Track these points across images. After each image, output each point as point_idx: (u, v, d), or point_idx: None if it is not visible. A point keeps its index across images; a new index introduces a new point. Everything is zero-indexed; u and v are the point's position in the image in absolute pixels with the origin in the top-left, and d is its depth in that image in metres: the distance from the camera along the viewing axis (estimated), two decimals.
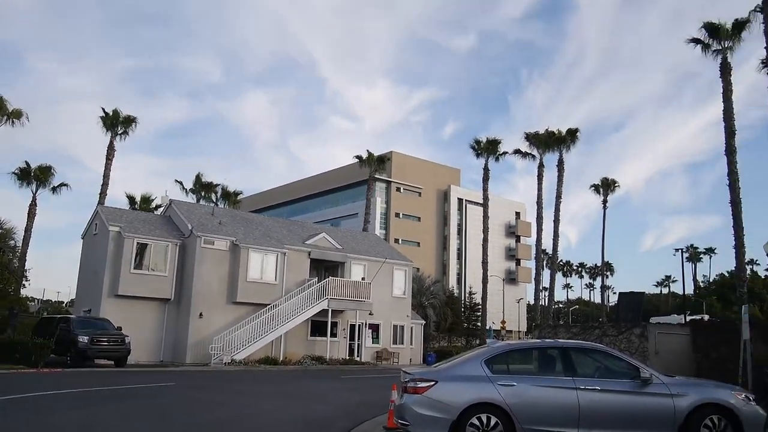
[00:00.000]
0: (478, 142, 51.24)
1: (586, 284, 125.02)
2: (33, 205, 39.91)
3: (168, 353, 31.71)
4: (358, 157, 53.85)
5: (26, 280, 37.01)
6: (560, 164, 49.21)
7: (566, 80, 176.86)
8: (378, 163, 53.49)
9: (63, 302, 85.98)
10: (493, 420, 8.46)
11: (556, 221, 48.00)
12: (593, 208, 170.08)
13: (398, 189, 77.81)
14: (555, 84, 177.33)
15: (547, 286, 55.89)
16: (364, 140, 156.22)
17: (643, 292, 21.88)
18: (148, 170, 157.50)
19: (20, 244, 36.59)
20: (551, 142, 48.73)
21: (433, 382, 8.74)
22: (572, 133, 48.73)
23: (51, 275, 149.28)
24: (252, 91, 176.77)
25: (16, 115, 37.60)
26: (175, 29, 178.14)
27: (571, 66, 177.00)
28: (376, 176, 55.86)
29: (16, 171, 40.07)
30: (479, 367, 8.90)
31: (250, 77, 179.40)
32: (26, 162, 40.47)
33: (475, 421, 8.47)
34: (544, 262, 61.91)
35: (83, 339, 25.21)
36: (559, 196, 48.35)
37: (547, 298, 54.71)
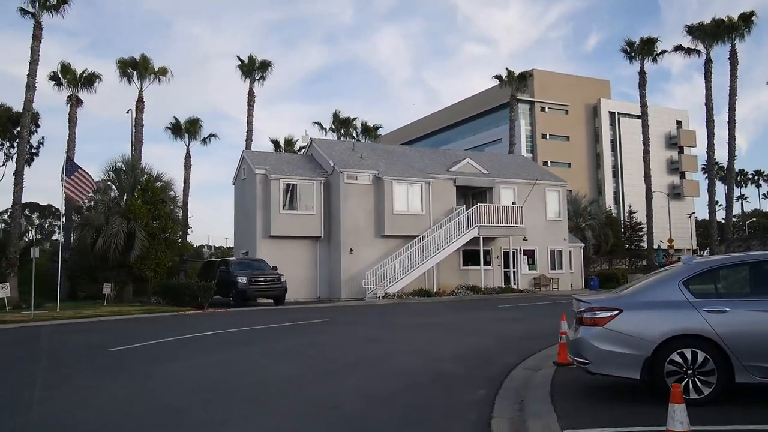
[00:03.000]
0: (630, 43, 45.88)
1: (764, 194, 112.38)
2: (188, 157, 42.04)
3: (324, 290, 32.22)
4: (497, 77, 50.58)
5: (189, 228, 39.30)
6: (733, 56, 42.63)
7: None
8: (519, 81, 49.91)
9: (232, 247, 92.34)
10: (701, 356, 6.62)
11: (731, 123, 42.03)
12: (766, 110, 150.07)
13: (543, 108, 73.40)
14: None
15: (720, 199, 50.32)
16: (501, 64, 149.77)
17: None
18: (292, 118, 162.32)
19: (181, 195, 38.69)
20: (720, 32, 42.11)
21: (617, 311, 7.02)
22: (746, 19, 41.68)
23: (217, 223, 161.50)
24: (384, 28, 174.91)
25: (162, 72, 39.13)
26: None
27: None
28: (518, 96, 52.44)
29: (169, 126, 42.33)
30: (676, 289, 7.01)
31: (380, 14, 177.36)
32: (175, 117, 42.52)
33: (676, 357, 6.68)
34: (709, 173, 55.39)
35: (242, 280, 26.01)
36: (733, 94, 42.12)
37: (725, 212, 49.02)
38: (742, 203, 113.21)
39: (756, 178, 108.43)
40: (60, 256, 25.40)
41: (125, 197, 32.02)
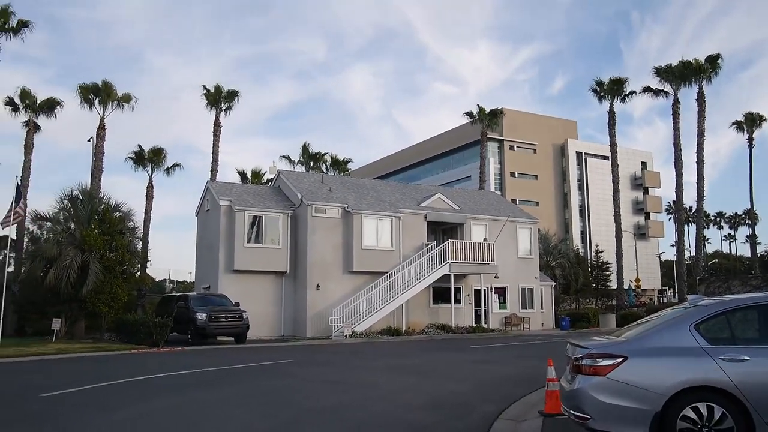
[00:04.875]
0: (599, 83, 46.33)
1: (725, 235, 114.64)
2: (150, 187, 40.58)
3: (288, 327, 30.86)
4: (468, 113, 50.63)
5: (149, 261, 37.62)
6: (700, 98, 43.26)
7: (682, 20, 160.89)
8: (490, 118, 49.96)
9: (194, 282, 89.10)
10: (718, 411, 5.79)
11: (700, 163, 42.34)
12: (723, 154, 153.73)
13: (511, 147, 73.83)
14: (670, 26, 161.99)
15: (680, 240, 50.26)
16: (469, 104, 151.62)
17: None
18: (262, 153, 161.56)
19: (141, 226, 37.13)
20: (687, 73, 42.78)
21: (621, 358, 6.17)
22: (713, 61, 42.47)
23: (181, 257, 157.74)
24: (355, 66, 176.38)
25: (126, 99, 37.96)
26: (278, 13, 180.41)
27: (687, 4, 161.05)
28: (488, 134, 52.37)
29: (131, 155, 40.89)
30: (688, 334, 6.20)
31: (352, 52, 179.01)
32: (139, 145, 41.18)
33: (690, 413, 5.84)
34: (677, 213, 55.64)
35: (201, 316, 24.60)
36: (701, 134, 42.61)
37: (693, 252, 49.11)
38: (704, 244, 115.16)
39: (717, 219, 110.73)
40: (4, 288, 23.58)
41: (81, 227, 30.43)
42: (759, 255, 75.11)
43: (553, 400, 8.68)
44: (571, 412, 6.52)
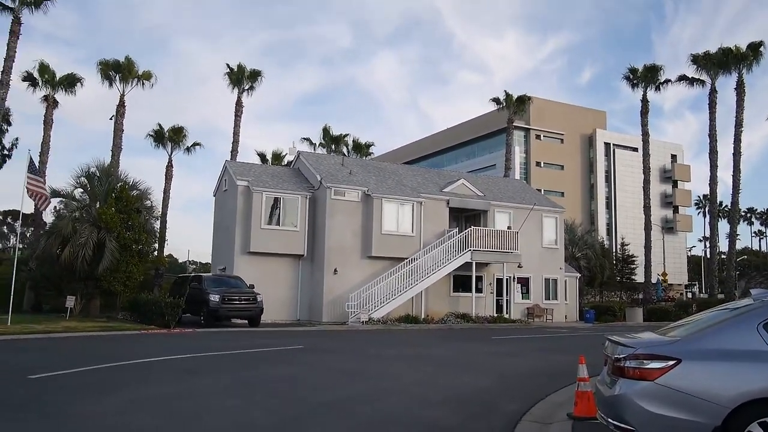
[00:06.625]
0: (633, 70, 44.63)
1: (755, 232, 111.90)
2: (169, 166, 40.15)
3: (304, 312, 30.22)
4: (495, 99, 49.19)
5: (166, 241, 37.24)
6: (740, 86, 41.35)
7: (717, 11, 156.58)
8: (517, 104, 48.44)
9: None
10: None
11: (737, 155, 40.59)
12: (755, 149, 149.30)
13: (538, 136, 72.21)
14: (704, 17, 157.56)
15: (708, 235, 48.60)
16: (494, 93, 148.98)
17: None
18: (285, 137, 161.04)
19: (159, 206, 36.68)
20: (727, 61, 40.94)
21: (673, 361, 5.23)
22: (755, 48, 40.41)
23: (203, 238, 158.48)
24: (381, 53, 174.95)
25: (146, 76, 37.44)
26: (306, 1, 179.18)
27: None
28: (514, 122, 50.93)
29: (151, 133, 40.48)
30: (755, 335, 5.24)
31: (379, 39, 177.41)
32: (159, 124, 40.72)
33: (756, 429, 4.91)
34: (707, 208, 53.70)
35: (214, 298, 24.04)
36: (739, 125, 40.80)
37: (726, 247, 47.34)
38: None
39: (748, 215, 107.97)
40: (15, 265, 23.07)
41: (97, 205, 30.02)
42: None
43: (584, 402, 7.79)
44: (611, 420, 5.61)
